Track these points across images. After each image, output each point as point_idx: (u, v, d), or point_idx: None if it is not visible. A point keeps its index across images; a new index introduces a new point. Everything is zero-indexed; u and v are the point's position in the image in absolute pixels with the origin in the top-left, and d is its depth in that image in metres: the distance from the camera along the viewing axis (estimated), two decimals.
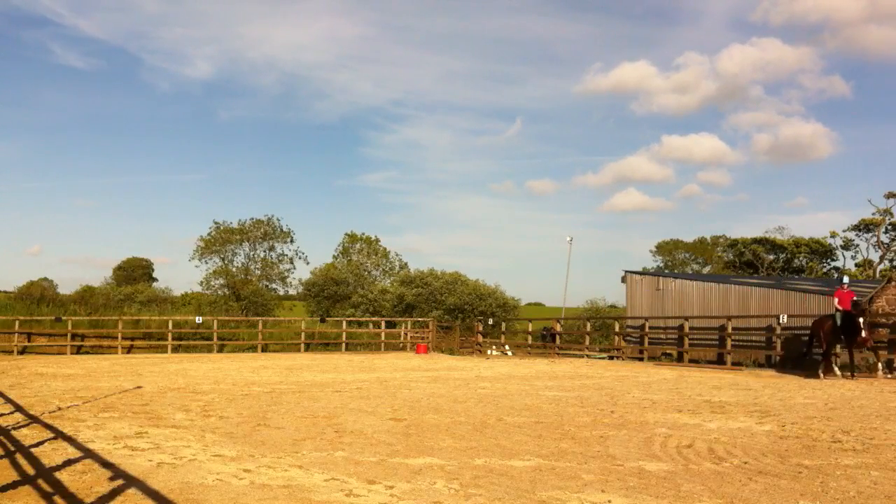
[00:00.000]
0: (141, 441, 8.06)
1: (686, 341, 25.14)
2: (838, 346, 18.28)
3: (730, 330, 23.07)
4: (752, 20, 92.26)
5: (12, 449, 7.41)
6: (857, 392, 13.87)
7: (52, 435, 8.33)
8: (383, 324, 34.47)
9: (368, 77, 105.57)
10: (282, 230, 45.14)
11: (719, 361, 23.64)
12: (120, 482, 5.96)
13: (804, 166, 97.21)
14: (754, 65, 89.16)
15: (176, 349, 29.30)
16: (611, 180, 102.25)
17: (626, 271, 32.64)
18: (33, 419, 9.67)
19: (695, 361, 24.31)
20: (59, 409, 10.89)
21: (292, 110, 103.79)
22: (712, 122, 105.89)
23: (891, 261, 53.42)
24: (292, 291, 49.35)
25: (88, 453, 7.22)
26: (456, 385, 15.35)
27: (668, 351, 26.85)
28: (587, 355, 27.75)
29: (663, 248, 69.97)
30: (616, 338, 29.19)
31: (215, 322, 30.99)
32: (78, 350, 28.17)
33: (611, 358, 27.41)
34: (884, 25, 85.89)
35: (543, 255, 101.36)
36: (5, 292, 39.13)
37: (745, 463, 6.97)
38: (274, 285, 46.18)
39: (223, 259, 44.42)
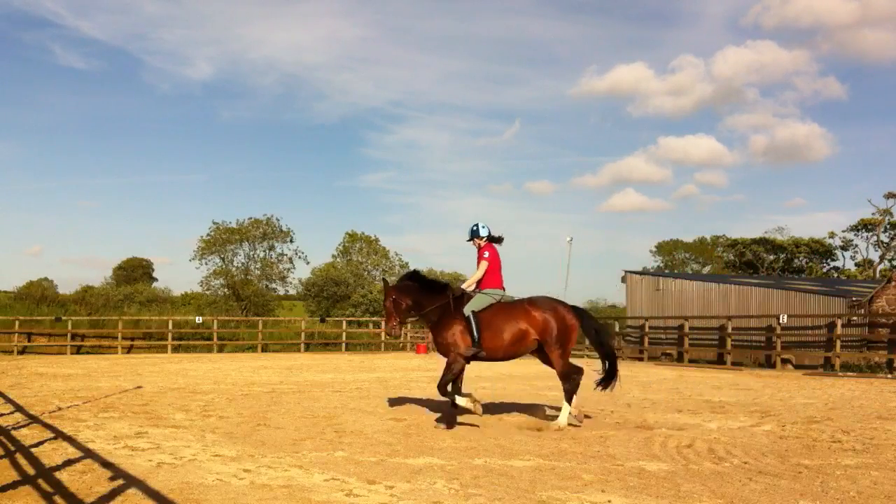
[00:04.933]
0: (141, 441, 8.06)
1: (686, 341, 25.14)
2: None
3: (730, 330, 23.08)
4: (744, 24, 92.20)
5: (12, 449, 7.41)
6: (857, 392, 13.87)
7: (52, 435, 8.33)
8: (383, 324, 34.48)
9: (368, 78, 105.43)
10: (281, 230, 45.13)
11: (719, 361, 23.65)
12: (120, 482, 5.96)
13: (801, 167, 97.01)
14: (749, 67, 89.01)
15: (176, 349, 29.30)
16: (609, 181, 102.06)
17: (626, 271, 32.64)
18: (33, 419, 9.67)
19: (695, 361, 24.32)
20: (59, 409, 10.88)
21: (292, 111, 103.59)
22: (708, 123, 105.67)
23: (891, 260, 53.43)
24: (292, 291, 49.35)
25: (88, 453, 7.22)
26: None
27: (668, 351, 26.85)
28: (587, 355, 27.74)
29: (663, 248, 69.92)
30: (616, 338, 29.17)
31: (215, 322, 30.99)
32: (78, 350, 28.17)
33: None
34: (877, 29, 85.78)
35: (543, 255, 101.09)
36: (5, 292, 39.06)
37: (745, 463, 6.97)
38: (274, 285, 46.17)
39: (223, 259, 44.42)
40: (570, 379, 9.14)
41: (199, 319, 31.17)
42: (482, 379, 17.03)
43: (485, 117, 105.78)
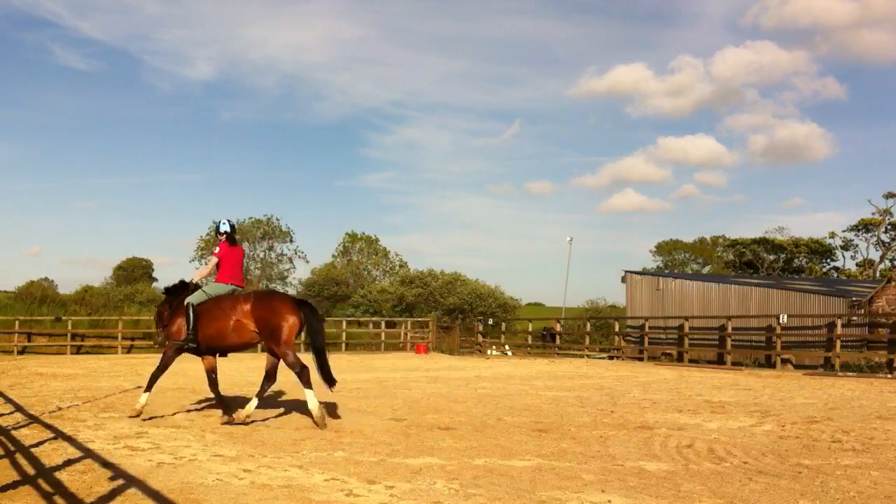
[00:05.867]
0: (141, 441, 8.06)
1: (686, 341, 25.14)
2: None
3: (730, 330, 23.07)
4: (743, 24, 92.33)
5: (12, 449, 7.41)
6: (858, 392, 13.86)
7: (52, 435, 8.33)
8: (383, 324, 34.46)
9: (368, 78, 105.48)
10: (281, 230, 45.17)
11: (719, 361, 23.65)
12: (120, 482, 5.96)
13: (801, 167, 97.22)
14: (748, 67, 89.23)
15: None
16: (608, 181, 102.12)
17: (626, 271, 32.65)
18: (33, 419, 9.66)
19: (695, 361, 24.31)
20: (59, 409, 10.88)
21: (292, 111, 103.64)
22: (708, 124, 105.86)
23: (891, 260, 53.45)
24: (292, 291, 49.34)
25: (88, 453, 7.21)
26: (456, 385, 15.34)
27: (668, 351, 26.85)
28: (587, 355, 27.74)
29: (663, 249, 69.90)
30: (616, 338, 29.19)
31: None
32: (78, 350, 28.17)
33: (611, 358, 27.41)
34: (876, 29, 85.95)
35: (543, 255, 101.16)
36: (5, 292, 39.03)
37: (745, 463, 6.97)
38: (274, 285, 46.14)
39: None
40: (302, 369, 9.28)
41: None
42: (481, 379, 17.03)
43: (485, 117, 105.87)
